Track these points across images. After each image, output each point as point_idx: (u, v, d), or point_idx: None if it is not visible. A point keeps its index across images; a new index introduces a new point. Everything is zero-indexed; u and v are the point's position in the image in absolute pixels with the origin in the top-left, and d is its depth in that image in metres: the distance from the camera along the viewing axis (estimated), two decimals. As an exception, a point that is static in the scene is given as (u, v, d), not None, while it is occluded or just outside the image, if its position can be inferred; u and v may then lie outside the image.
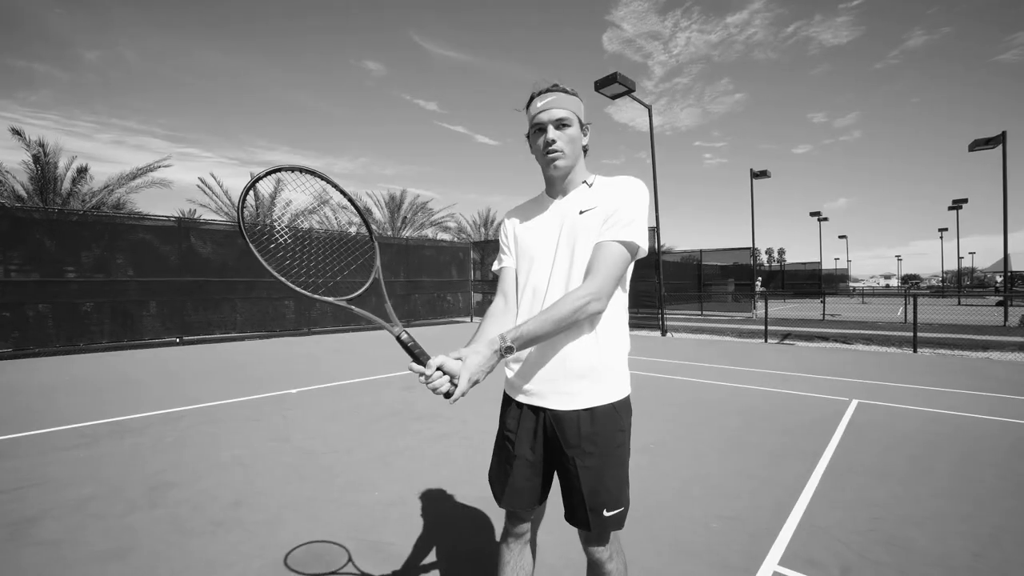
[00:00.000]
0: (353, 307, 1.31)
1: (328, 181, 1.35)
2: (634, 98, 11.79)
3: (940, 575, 2.07)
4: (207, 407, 4.99)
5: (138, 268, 10.43)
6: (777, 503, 2.76)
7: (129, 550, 2.28)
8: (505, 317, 1.44)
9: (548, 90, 1.35)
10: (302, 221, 19.12)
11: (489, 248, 18.18)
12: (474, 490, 2.94)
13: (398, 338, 1.17)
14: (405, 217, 23.63)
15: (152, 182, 14.99)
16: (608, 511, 1.33)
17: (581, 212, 1.34)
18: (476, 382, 1.15)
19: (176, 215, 11.17)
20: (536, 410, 1.39)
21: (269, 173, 1.25)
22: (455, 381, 1.13)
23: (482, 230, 27.57)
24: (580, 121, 1.37)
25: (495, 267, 1.55)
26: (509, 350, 1.18)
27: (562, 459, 1.36)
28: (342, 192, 1.36)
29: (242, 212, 1.23)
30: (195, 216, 13.82)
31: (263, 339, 11.82)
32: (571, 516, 1.38)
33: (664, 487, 3.01)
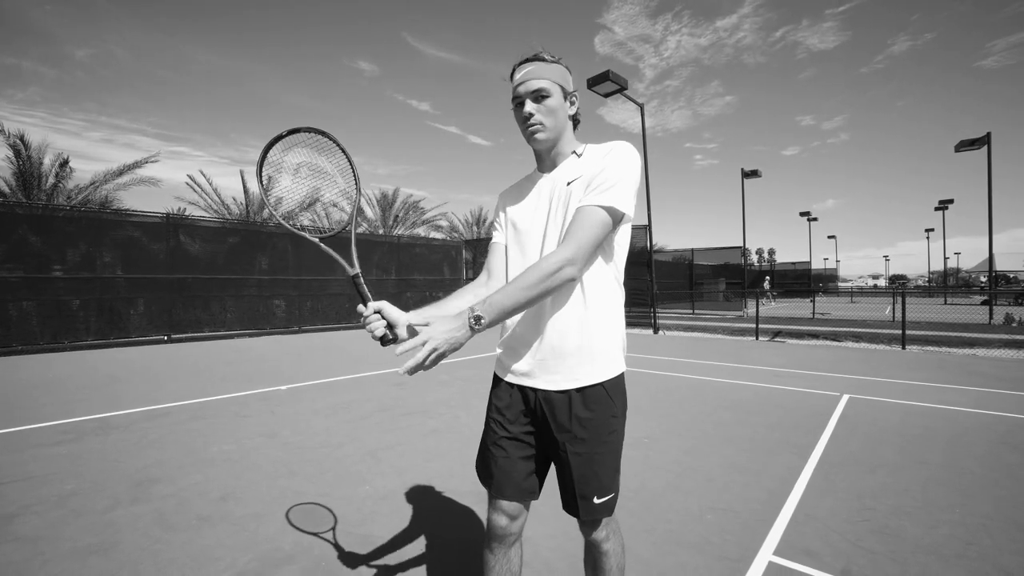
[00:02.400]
0: (322, 244, 1.41)
1: (333, 140, 1.41)
2: (627, 96, 11.81)
3: (932, 563, 2.07)
4: (194, 403, 4.91)
5: (125, 265, 10.26)
6: (771, 495, 2.76)
7: (111, 546, 2.22)
8: (482, 290, 1.42)
9: (527, 60, 1.29)
10: (296, 220, 18.93)
11: (481, 247, 18.14)
12: (464, 484, 2.91)
13: (353, 279, 1.27)
14: (397, 215, 23.51)
15: (140, 179, 14.74)
16: (598, 498, 1.30)
17: (568, 183, 1.29)
18: (441, 354, 1.08)
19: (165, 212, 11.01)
20: (526, 391, 1.34)
21: (291, 133, 1.41)
22: (396, 332, 1.20)
23: (474, 229, 27.51)
24: (564, 90, 1.30)
25: (493, 240, 1.55)
26: (478, 320, 1.10)
27: (554, 444, 1.32)
28: (341, 149, 1.40)
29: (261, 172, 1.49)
30: (184, 213, 13.58)
31: (252, 337, 11.69)
32: (567, 505, 1.36)
33: (658, 480, 3.00)
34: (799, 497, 2.72)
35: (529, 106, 1.28)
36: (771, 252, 64.79)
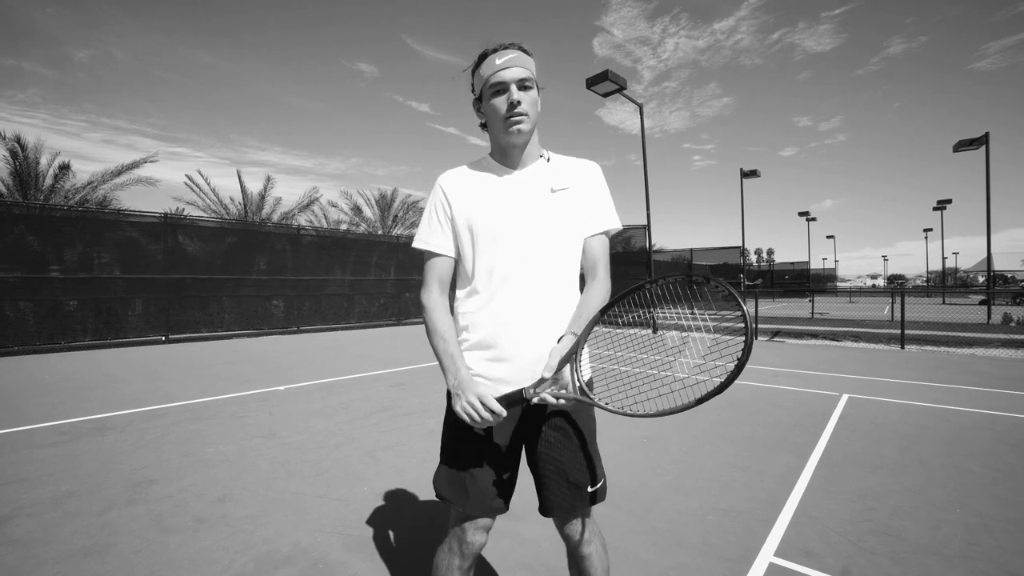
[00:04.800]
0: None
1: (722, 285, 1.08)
2: (626, 96, 11.80)
3: (934, 563, 2.06)
4: (191, 404, 4.88)
5: (123, 265, 10.22)
6: (771, 495, 2.74)
7: (106, 548, 2.20)
8: (463, 315, 1.32)
9: (506, 47, 1.23)
10: (293, 219, 18.91)
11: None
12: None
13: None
14: (396, 215, 23.46)
15: (138, 179, 14.67)
16: (591, 486, 1.32)
17: (553, 191, 1.29)
18: None
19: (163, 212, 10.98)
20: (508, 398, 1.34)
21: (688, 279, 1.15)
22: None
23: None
24: (538, 86, 1.27)
25: (421, 243, 1.34)
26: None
27: (539, 445, 1.31)
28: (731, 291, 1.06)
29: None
30: (182, 214, 13.53)
31: (251, 337, 11.66)
32: (553, 502, 1.31)
33: (658, 480, 2.98)
34: (799, 497, 2.71)
35: (516, 93, 1.21)
36: (770, 252, 64.85)
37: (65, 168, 13.37)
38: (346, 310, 14.39)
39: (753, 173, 21.46)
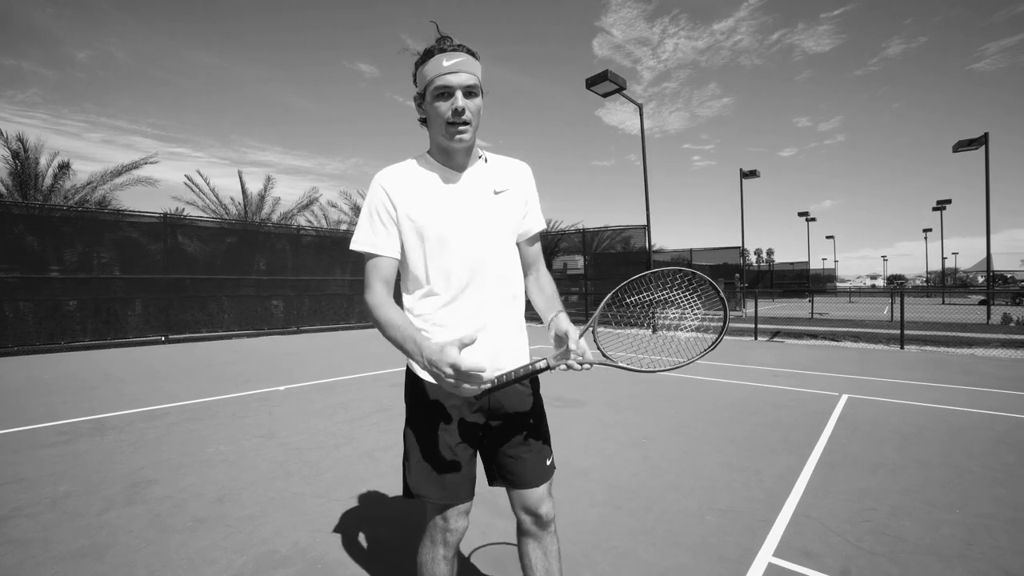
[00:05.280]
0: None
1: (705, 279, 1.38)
2: (625, 96, 11.81)
3: (933, 564, 2.06)
4: (191, 404, 4.88)
5: (123, 265, 10.22)
6: (770, 495, 2.74)
7: (105, 548, 2.20)
8: (422, 307, 1.31)
9: (455, 49, 1.19)
10: (292, 219, 18.90)
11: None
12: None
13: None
14: (396, 216, 23.47)
15: (137, 180, 14.67)
16: (549, 460, 1.43)
17: (496, 192, 1.32)
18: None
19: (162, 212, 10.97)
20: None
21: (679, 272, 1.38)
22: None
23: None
24: (483, 91, 1.25)
25: (363, 246, 1.29)
26: None
27: (501, 427, 1.37)
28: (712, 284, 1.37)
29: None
30: (182, 214, 13.51)
31: (251, 337, 11.66)
32: (531, 474, 1.38)
33: (657, 480, 2.98)
34: (799, 497, 2.71)
35: (461, 100, 1.19)
36: (770, 252, 64.84)
37: (65, 167, 13.37)
38: (346, 310, 14.39)
39: (753, 173, 21.48)
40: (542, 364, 1.18)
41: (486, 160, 1.35)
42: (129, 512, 2.54)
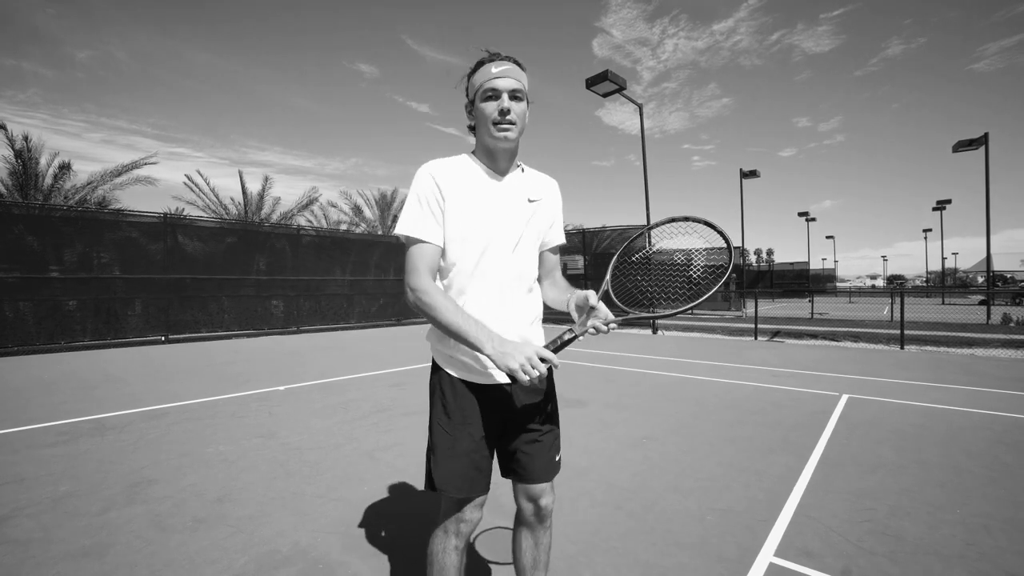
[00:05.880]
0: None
1: (710, 224, 1.42)
2: (625, 96, 11.81)
3: (933, 564, 2.06)
4: (191, 404, 4.88)
5: (123, 265, 10.22)
6: (771, 495, 2.75)
7: (106, 548, 2.20)
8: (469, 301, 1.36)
9: (503, 58, 1.31)
10: (292, 218, 18.90)
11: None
12: (465, 484, 2.89)
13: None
14: (396, 216, 23.47)
15: (137, 179, 14.68)
16: (558, 456, 1.52)
17: (530, 201, 1.41)
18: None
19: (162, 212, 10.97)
20: (490, 388, 1.41)
21: (666, 223, 1.46)
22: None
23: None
24: (528, 99, 1.35)
25: (413, 231, 1.31)
26: None
27: (518, 423, 1.44)
28: (717, 230, 1.41)
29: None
30: (182, 213, 13.50)
31: (251, 337, 11.65)
32: (541, 469, 1.45)
33: (657, 480, 2.98)
34: (799, 497, 2.71)
35: (507, 101, 1.28)
36: (770, 252, 64.84)
37: (65, 168, 13.37)
38: (346, 310, 14.39)
39: (753, 173, 21.48)
40: (568, 336, 1.24)
41: (523, 170, 1.45)
42: (129, 512, 2.55)
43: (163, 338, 10.54)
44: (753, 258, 58.43)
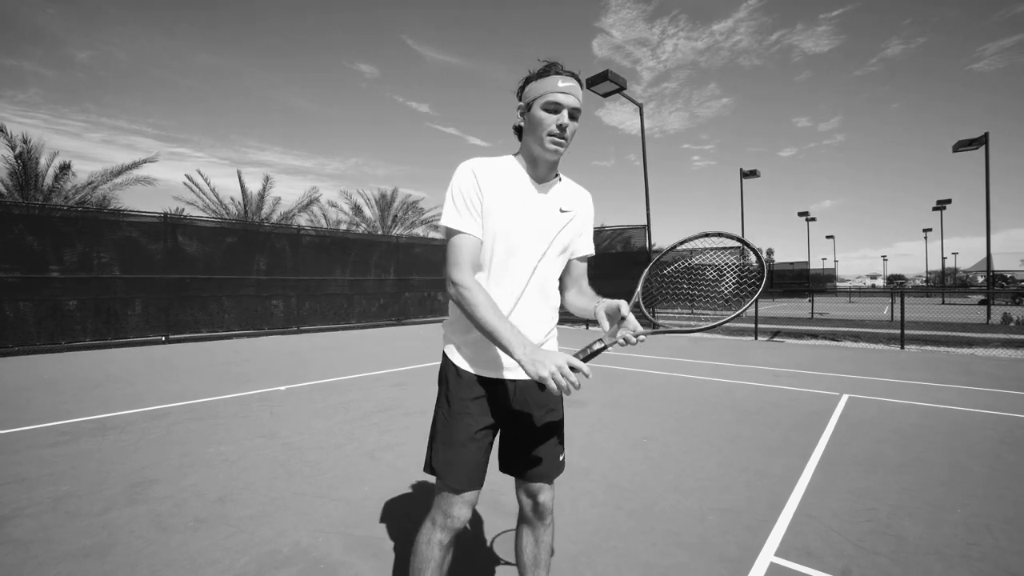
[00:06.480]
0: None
1: (742, 241, 1.44)
2: (625, 96, 11.81)
3: (934, 564, 2.06)
4: (192, 404, 4.89)
5: (123, 265, 10.21)
6: (772, 495, 2.75)
7: (107, 548, 2.20)
8: (502, 296, 1.37)
9: (570, 74, 1.32)
10: (293, 218, 18.90)
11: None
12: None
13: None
14: (396, 216, 23.46)
15: (137, 179, 14.68)
16: (561, 456, 1.54)
17: (562, 211, 1.43)
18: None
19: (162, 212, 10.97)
20: (497, 383, 1.43)
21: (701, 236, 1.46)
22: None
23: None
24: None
25: (457, 224, 1.32)
26: None
27: (523, 421, 1.46)
28: (752, 249, 1.44)
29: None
30: (182, 213, 13.49)
31: (251, 337, 11.65)
32: (543, 468, 1.47)
33: (658, 480, 2.98)
34: (800, 497, 2.71)
35: (567, 118, 1.30)
36: (770, 252, 64.82)
37: (66, 168, 13.37)
38: (346, 310, 14.38)
39: (753, 173, 21.47)
40: (598, 346, 1.24)
41: (560, 179, 1.47)
42: (130, 512, 2.55)
43: (163, 338, 10.54)
44: (753, 258, 58.32)
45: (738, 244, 1.46)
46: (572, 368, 1.14)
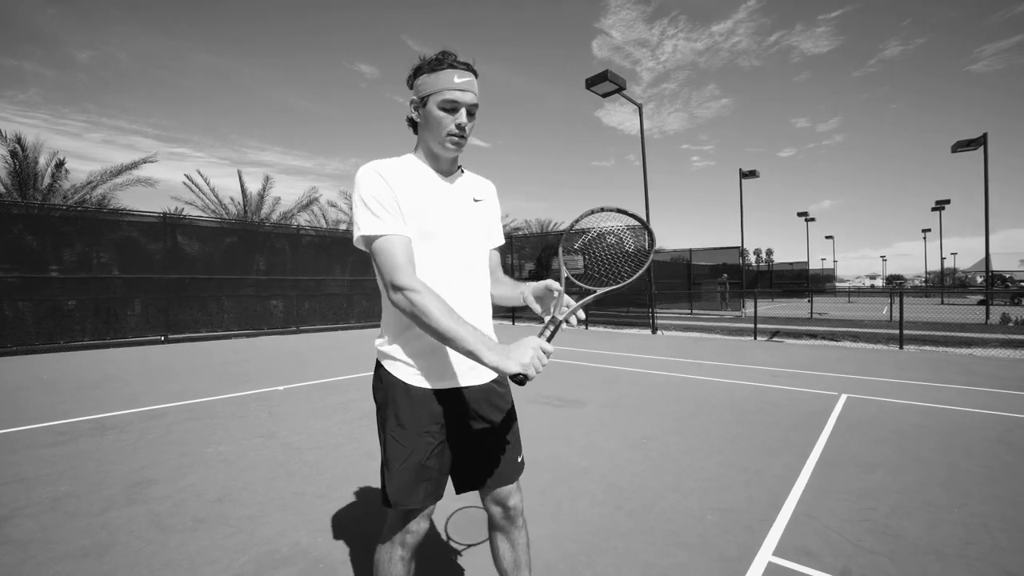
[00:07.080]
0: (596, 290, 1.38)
1: (627, 213, 1.46)
2: (625, 96, 11.81)
3: (932, 563, 2.07)
4: (191, 404, 4.88)
5: (122, 265, 10.21)
6: (770, 495, 2.75)
7: (106, 548, 2.20)
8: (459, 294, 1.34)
9: (465, 67, 1.27)
10: (292, 218, 18.89)
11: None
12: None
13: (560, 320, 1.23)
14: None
15: (136, 179, 14.66)
16: (520, 457, 1.50)
17: (475, 200, 1.42)
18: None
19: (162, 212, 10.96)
20: (455, 392, 1.37)
21: (585, 215, 1.45)
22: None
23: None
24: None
25: (379, 228, 1.22)
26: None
27: (479, 428, 1.41)
28: (637, 218, 1.44)
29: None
30: (181, 213, 13.48)
31: (250, 337, 11.65)
32: (502, 473, 1.43)
33: (657, 480, 2.98)
34: (798, 497, 2.71)
35: (465, 118, 1.28)
36: (769, 252, 64.82)
37: (60, 165, 13.33)
38: (346, 310, 14.38)
39: (752, 174, 21.49)
40: (553, 325, 1.21)
41: (463, 171, 1.45)
42: (129, 512, 2.55)
43: (163, 338, 10.54)
44: (753, 258, 58.40)
45: (624, 215, 1.48)
46: (544, 351, 1.12)
